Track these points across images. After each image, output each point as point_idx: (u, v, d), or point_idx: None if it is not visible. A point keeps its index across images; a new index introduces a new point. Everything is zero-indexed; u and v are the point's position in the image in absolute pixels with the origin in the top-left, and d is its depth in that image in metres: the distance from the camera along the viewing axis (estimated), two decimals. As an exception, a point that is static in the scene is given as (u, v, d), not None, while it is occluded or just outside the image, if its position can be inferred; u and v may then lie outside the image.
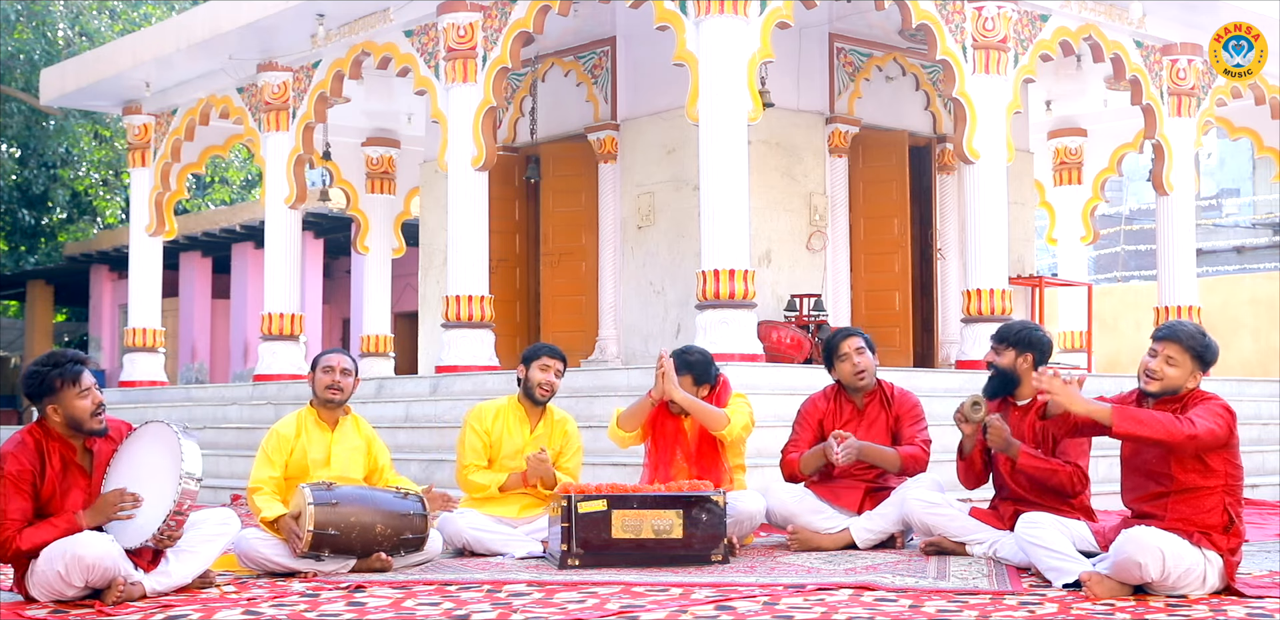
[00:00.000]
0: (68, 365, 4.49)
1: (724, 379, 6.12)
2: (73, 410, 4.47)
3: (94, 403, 4.49)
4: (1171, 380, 4.51)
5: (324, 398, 5.60)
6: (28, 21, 22.18)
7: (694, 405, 5.84)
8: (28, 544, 4.37)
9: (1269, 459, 9.34)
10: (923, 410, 6.02)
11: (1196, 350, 4.50)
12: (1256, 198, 24.16)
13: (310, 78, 11.96)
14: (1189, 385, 4.52)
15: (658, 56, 10.17)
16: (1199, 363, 4.52)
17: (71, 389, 4.46)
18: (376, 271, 15.00)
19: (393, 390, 10.71)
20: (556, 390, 6.00)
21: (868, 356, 5.96)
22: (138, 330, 13.82)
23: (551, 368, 5.95)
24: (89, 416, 4.49)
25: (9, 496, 4.37)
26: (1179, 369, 4.50)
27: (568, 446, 6.03)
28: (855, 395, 6.00)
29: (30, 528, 4.39)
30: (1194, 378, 4.53)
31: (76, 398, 4.46)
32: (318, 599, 4.53)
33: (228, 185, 25.81)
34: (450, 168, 10.38)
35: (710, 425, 5.84)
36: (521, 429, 5.98)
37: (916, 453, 5.82)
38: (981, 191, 10.00)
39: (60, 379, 4.45)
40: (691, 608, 4.17)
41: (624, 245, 11.62)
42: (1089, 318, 14.09)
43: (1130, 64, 11.01)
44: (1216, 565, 4.37)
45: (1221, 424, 4.37)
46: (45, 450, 4.48)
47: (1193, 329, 4.56)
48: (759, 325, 9.30)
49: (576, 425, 6.15)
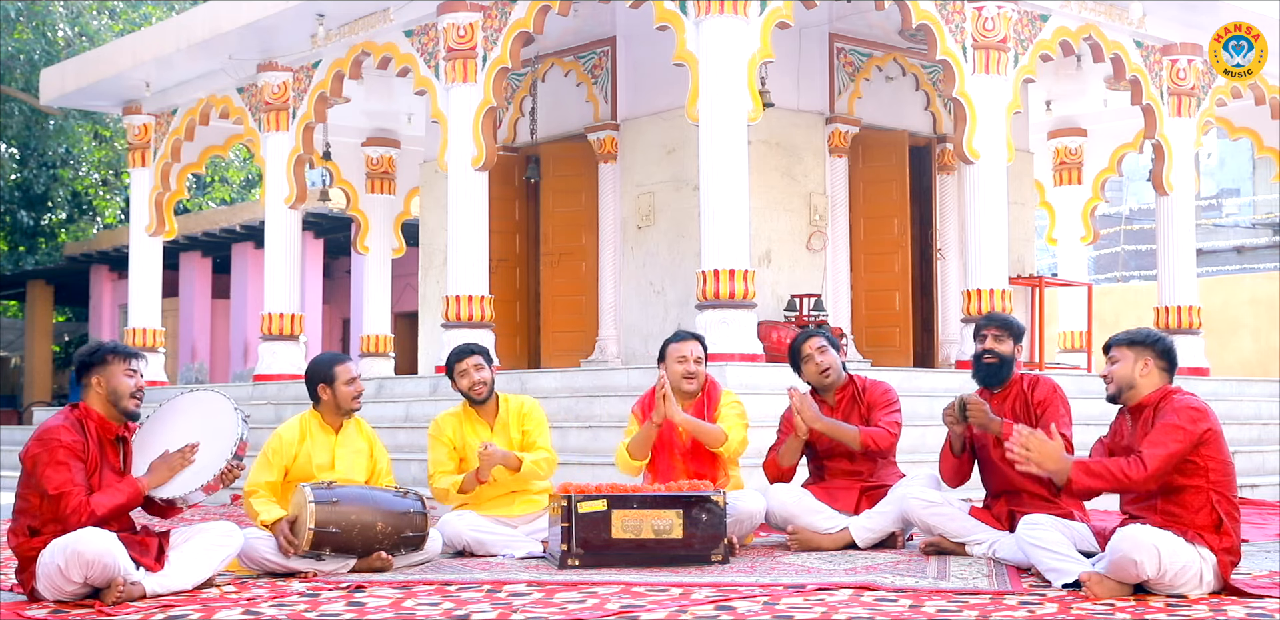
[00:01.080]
0: (122, 347, 4.75)
1: (712, 380, 6.14)
2: (116, 384, 4.65)
3: (137, 384, 4.70)
4: (1121, 377, 4.58)
5: (349, 409, 5.63)
6: (28, 21, 22.16)
7: (693, 426, 5.89)
8: (103, 509, 4.49)
9: (1269, 459, 9.33)
10: (895, 396, 6.05)
11: (1134, 340, 4.59)
12: (1256, 198, 24.17)
13: (310, 78, 11.96)
14: (1139, 377, 4.55)
15: (658, 56, 10.17)
16: (1140, 349, 4.57)
17: (121, 363, 4.68)
18: (376, 271, 15.00)
19: (393, 390, 10.72)
20: (490, 381, 5.98)
21: (830, 355, 6.00)
22: (138, 330, 13.82)
23: (468, 369, 5.95)
24: (128, 394, 4.68)
25: (70, 466, 4.48)
26: (1122, 362, 4.58)
27: (533, 427, 6.02)
28: (826, 394, 6.04)
29: (98, 493, 4.52)
30: (1145, 365, 4.55)
31: (123, 374, 4.67)
32: (318, 599, 4.53)
33: (228, 185, 25.81)
34: (450, 168, 10.38)
35: (709, 444, 5.91)
36: (480, 430, 6.00)
37: (879, 432, 5.85)
38: (981, 191, 10.00)
39: (113, 353, 4.69)
40: (691, 608, 4.18)
41: (624, 245, 11.62)
42: (1089, 318, 14.09)
43: (1130, 64, 11.01)
44: (1211, 563, 4.38)
45: (1181, 437, 4.38)
46: (86, 428, 4.62)
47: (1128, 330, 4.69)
48: (759, 325, 9.30)
49: (536, 405, 6.11)
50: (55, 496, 4.44)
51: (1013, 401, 5.51)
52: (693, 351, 6.01)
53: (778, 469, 6.03)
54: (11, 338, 27.08)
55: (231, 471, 4.78)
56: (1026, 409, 5.48)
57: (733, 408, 6.05)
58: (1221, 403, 10.15)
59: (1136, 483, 4.37)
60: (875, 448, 5.85)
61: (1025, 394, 5.51)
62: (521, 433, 6.00)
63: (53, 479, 4.44)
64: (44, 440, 4.50)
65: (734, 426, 5.94)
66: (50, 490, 4.44)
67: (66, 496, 4.44)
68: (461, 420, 6.04)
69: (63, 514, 4.44)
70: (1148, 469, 4.35)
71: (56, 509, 4.45)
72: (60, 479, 4.45)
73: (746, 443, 6.02)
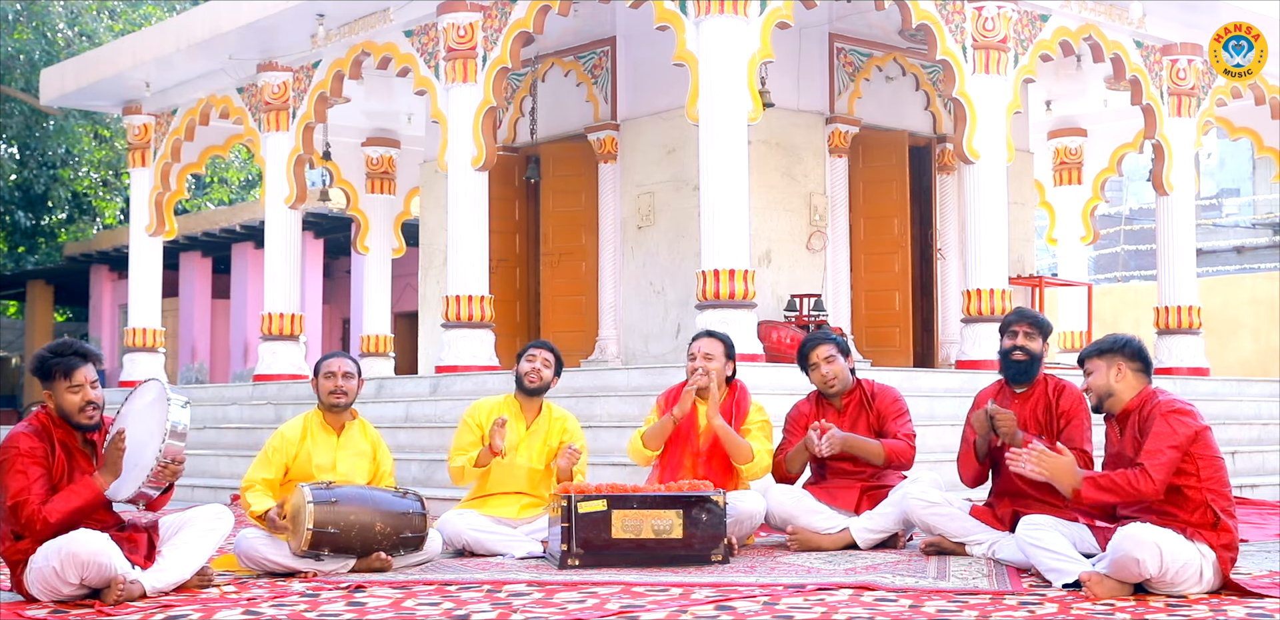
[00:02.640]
0: (69, 357, 4.52)
1: (741, 385, 6.12)
2: (61, 402, 4.52)
3: (84, 399, 4.51)
4: (1099, 387, 4.62)
5: (328, 403, 5.62)
6: (28, 22, 22.17)
7: (726, 435, 5.86)
8: (55, 516, 4.39)
9: (1269, 459, 9.33)
10: (905, 404, 6.04)
11: (1098, 349, 4.63)
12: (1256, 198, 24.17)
13: (310, 78, 11.96)
14: (1115, 383, 4.58)
15: (658, 56, 10.17)
16: (1110, 356, 4.60)
17: (62, 381, 4.50)
18: (376, 271, 15.00)
19: (393, 390, 10.71)
20: (547, 380, 6.00)
21: (838, 364, 5.97)
22: (138, 330, 13.82)
23: (538, 357, 5.99)
24: (76, 410, 4.52)
25: (26, 472, 4.39)
26: (1097, 373, 4.64)
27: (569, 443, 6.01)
28: (834, 399, 6.03)
29: (53, 499, 4.41)
30: (1118, 371, 4.59)
31: (66, 391, 4.50)
32: (318, 599, 4.53)
33: (226, 185, 25.81)
34: (450, 168, 10.38)
35: (734, 458, 5.88)
36: (516, 425, 5.99)
37: (900, 447, 5.85)
38: (981, 191, 10.00)
39: (56, 368, 4.50)
40: (691, 608, 4.17)
41: (624, 245, 11.62)
42: (1089, 318, 14.09)
43: (1130, 64, 11.01)
44: (1211, 560, 4.38)
45: (1176, 442, 4.40)
46: (51, 434, 4.52)
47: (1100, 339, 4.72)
48: (759, 325, 9.29)
49: (579, 425, 6.15)
50: (11, 506, 4.38)
51: (1035, 403, 5.48)
52: (701, 348, 5.99)
53: (784, 474, 6.02)
54: (11, 338, 27.09)
55: (167, 467, 4.52)
56: (1049, 414, 5.45)
57: (762, 427, 6.00)
58: (1221, 403, 10.17)
59: (1148, 494, 4.40)
60: (898, 463, 5.85)
61: (1049, 399, 5.48)
62: (559, 443, 5.97)
63: (10, 487, 4.38)
64: (4, 448, 4.42)
65: (762, 451, 5.88)
66: (7, 500, 4.38)
67: (21, 505, 4.37)
68: (501, 408, 6.02)
69: (19, 523, 4.39)
70: (1155, 480, 4.38)
71: (14, 518, 4.39)
72: (16, 487, 4.37)
73: (769, 469, 5.97)
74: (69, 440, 4.57)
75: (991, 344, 6.88)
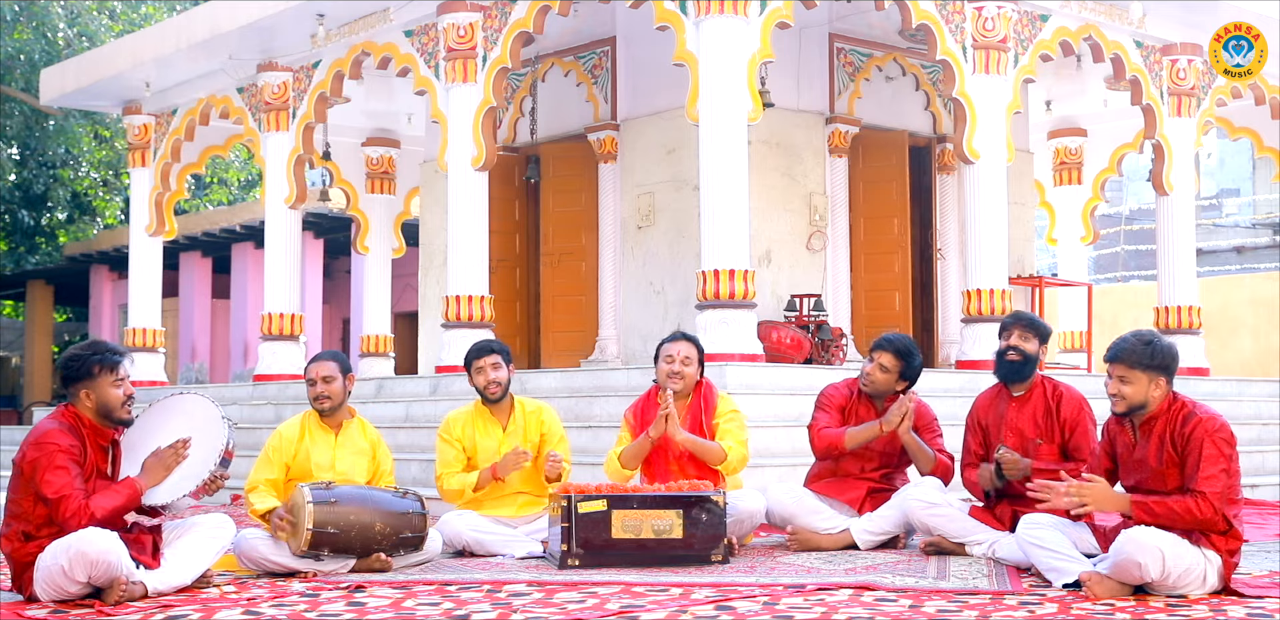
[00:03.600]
0: (107, 353, 4.63)
1: (709, 383, 6.10)
2: (105, 397, 4.58)
3: (125, 393, 4.63)
4: (1132, 398, 4.51)
5: (315, 408, 5.65)
6: (28, 22, 22.16)
7: (693, 445, 5.85)
8: (102, 512, 4.46)
9: (1269, 459, 9.34)
10: (933, 414, 6.01)
11: (1144, 362, 4.48)
12: (1256, 198, 24.16)
13: (310, 78, 11.96)
14: (1154, 395, 4.50)
15: (658, 56, 10.16)
16: (1153, 372, 4.49)
17: (108, 376, 4.59)
18: (376, 271, 15.00)
19: (393, 390, 10.71)
20: (505, 381, 5.96)
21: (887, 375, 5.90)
22: (138, 330, 13.81)
23: (486, 365, 5.93)
24: (119, 405, 4.62)
25: (68, 469, 4.45)
26: (1133, 385, 4.49)
27: (550, 435, 6.02)
28: (876, 400, 6.00)
29: (97, 495, 4.48)
30: (1156, 386, 4.49)
31: (111, 386, 4.59)
32: (318, 599, 4.53)
33: (226, 186, 25.80)
34: (450, 168, 10.38)
35: (709, 462, 5.87)
36: (492, 430, 5.99)
37: (949, 464, 5.87)
38: (981, 191, 10.00)
39: (99, 365, 4.58)
40: (691, 608, 4.17)
41: (624, 245, 11.62)
42: (1089, 318, 14.09)
43: (1130, 64, 11.01)
44: (1216, 565, 4.37)
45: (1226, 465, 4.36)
46: (82, 432, 4.58)
47: (1135, 342, 4.53)
48: (759, 325, 9.30)
49: (554, 414, 6.11)
50: (55, 500, 4.41)
51: (1034, 406, 5.49)
52: (680, 351, 5.94)
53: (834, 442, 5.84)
54: (11, 338, 27.08)
55: (215, 481, 4.72)
56: (1050, 419, 5.45)
57: (732, 420, 5.96)
58: (1221, 403, 10.15)
59: (1210, 523, 4.35)
60: (938, 477, 5.82)
61: (1049, 403, 5.48)
62: (540, 436, 5.97)
63: (52, 483, 4.42)
64: (41, 444, 4.46)
65: (735, 444, 5.87)
66: (50, 494, 4.42)
67: (66, 500, 4.41)
68: (472, 418, 6.03)
69: (62, 517, 4.42)
70: (1215, 506, 4.33)
71: (56, 513, 4.43)
72: (60, 483, 4.42)
73: (747, 460, 5.97)
74: (96, 439, 4.63)
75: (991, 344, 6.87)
